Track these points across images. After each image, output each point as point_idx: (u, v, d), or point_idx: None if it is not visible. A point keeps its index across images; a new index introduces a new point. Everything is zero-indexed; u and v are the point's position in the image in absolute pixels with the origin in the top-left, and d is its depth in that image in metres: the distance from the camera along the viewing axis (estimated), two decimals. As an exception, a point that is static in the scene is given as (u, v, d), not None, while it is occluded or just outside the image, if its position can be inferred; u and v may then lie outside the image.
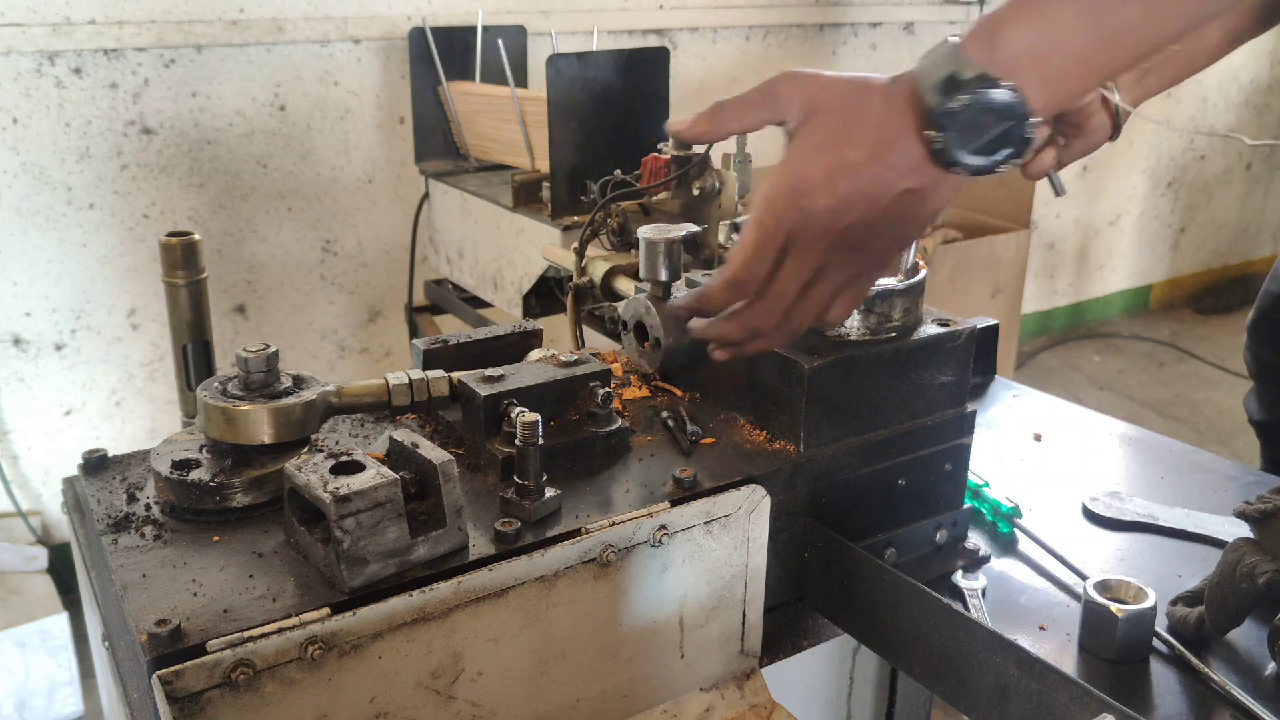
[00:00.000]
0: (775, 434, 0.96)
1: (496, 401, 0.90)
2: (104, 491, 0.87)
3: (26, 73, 2.49)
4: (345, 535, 0.71)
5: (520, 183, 2.16)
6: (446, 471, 0.76)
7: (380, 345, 3.16)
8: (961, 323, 1.00)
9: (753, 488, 0.89)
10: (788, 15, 3.66)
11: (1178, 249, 5.35)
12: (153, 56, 2.63)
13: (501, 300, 2.34)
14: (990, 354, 1.39)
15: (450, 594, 0.74)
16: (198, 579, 0.75)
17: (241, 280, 2.89)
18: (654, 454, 0.95)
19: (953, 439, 1.01)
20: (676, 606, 0.88)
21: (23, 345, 2.65)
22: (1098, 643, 0.85)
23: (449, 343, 1.04)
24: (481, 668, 0.77)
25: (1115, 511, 1.08)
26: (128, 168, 2.66)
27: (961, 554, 1.02)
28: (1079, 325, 5.06)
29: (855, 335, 0.96)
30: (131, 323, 2.76)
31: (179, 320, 0.97)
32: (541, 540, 0.80)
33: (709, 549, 0.88)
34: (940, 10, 4.03)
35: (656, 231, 1.05)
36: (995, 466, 1.19)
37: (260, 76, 2.77)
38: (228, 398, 0.85)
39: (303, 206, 2.92)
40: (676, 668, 0.90)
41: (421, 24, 2.63)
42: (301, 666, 0.69)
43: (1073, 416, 1.32)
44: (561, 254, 1.67)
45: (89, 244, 2.66)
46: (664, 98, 2.07)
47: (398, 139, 2.99)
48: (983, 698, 0.80)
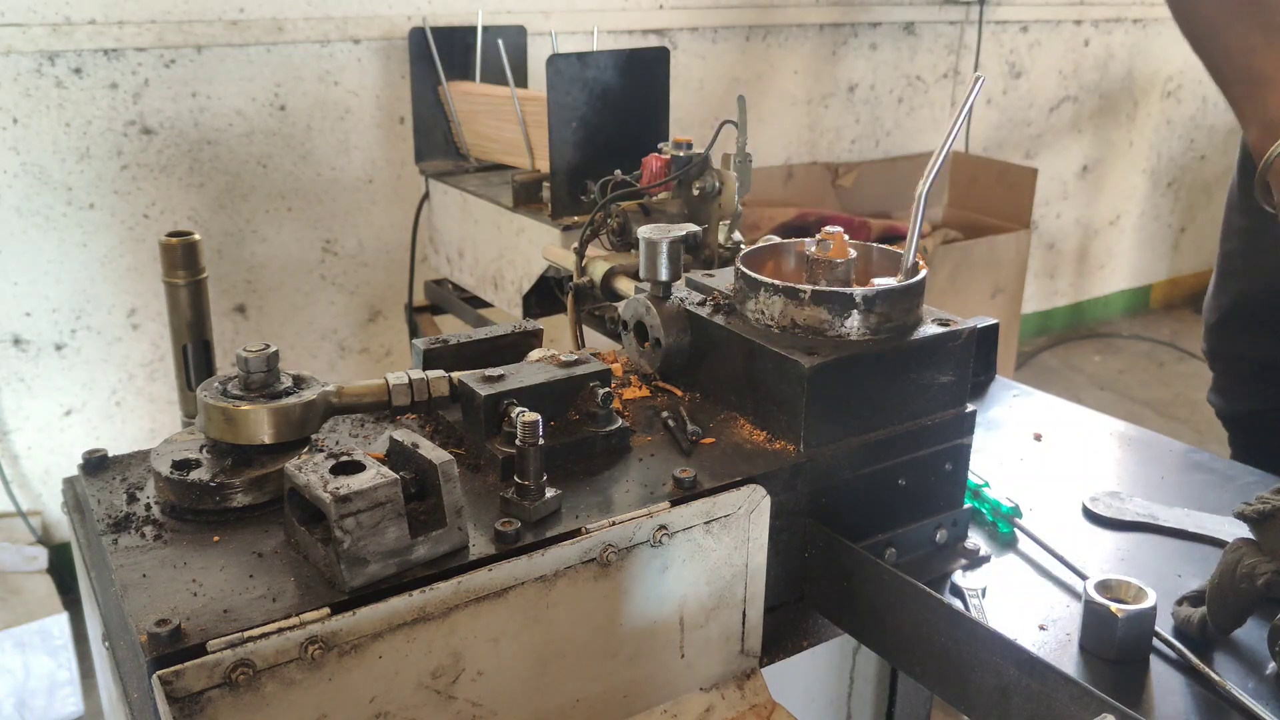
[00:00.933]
0: (775, 434, 0.96)
1: (496, 401, 0.90)
2: (104, 491, 0.87)
3: (26, 73, 2.49)
4: (345, 535, 0.71)
5: (520, 183, 2.16)
6: (446, 471, 0.76)
7: (380, 345, 3.16)
8: (961, 323, 1.00)
9: (753, 488, 0.89)
10: (788, 15, 3.66)
11: (1178, 249, 5.35)
12: (153, 56, 2.63)
13: (501, 300, 2.34)
14: (990, 354, 1.39)
15: (450, 594, 0.74)
16: (198, 579, 0.75)
17: (241, 280, 2.89)
18: (654, 454, 0.94)
19: (953, 439, 1.01)
20: (676, 606, 0.88)
21: (23, 345, 2.65)
22: (1098, 643, 0.85)
23: (449, 343, 1.04)
24: (482, 668, 0.78)
25: (1115, 511, 1.08)
26: (128, 168, 2.67)
27: (961, 554, 1.02)
28: (1079, 325, 5.06)
29: (855, 335, 0.96)
30: (131, 323, 2.76)
31: (179, 320, 0.97)
32: (541, 540, 0.80)
33: (709, 549, 0.88)
34: (940, 10, 4.04)
35: (656, 231, 1.05)
36: (995, 466, 1.19)
37: (260, 76, 2.77)
38: (228, 398, 0.85)
39: (303, 206, 2.92)
40: (676, 668, 0.90)
41: (421, 24, 2.63)
42: (301, 666, 0.69)
43: (1073, 416, 1.32)
44: (561, 254, 1.67)
45: (89, 244, 2.66)
46: (664, 98, 2.07)
47: (398, 139, 2.99)
48: (983, 698, 0.80)
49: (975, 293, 3.38)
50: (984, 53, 4.19)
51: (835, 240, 1.03)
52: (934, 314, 1.02)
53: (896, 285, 0.96)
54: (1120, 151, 4.83)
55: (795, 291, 0.96)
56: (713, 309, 1.05)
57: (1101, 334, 4.98)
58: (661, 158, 1.57)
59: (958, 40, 4.16)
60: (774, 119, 3.79)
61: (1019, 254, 3.45)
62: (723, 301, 1.06)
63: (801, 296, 0.96)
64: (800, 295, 0.96)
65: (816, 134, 3.94)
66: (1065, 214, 4.79)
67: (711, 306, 1.05)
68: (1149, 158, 4.98)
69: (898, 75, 4.08)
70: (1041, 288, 4.87)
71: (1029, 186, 3.57)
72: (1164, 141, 5.00)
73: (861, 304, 0.95)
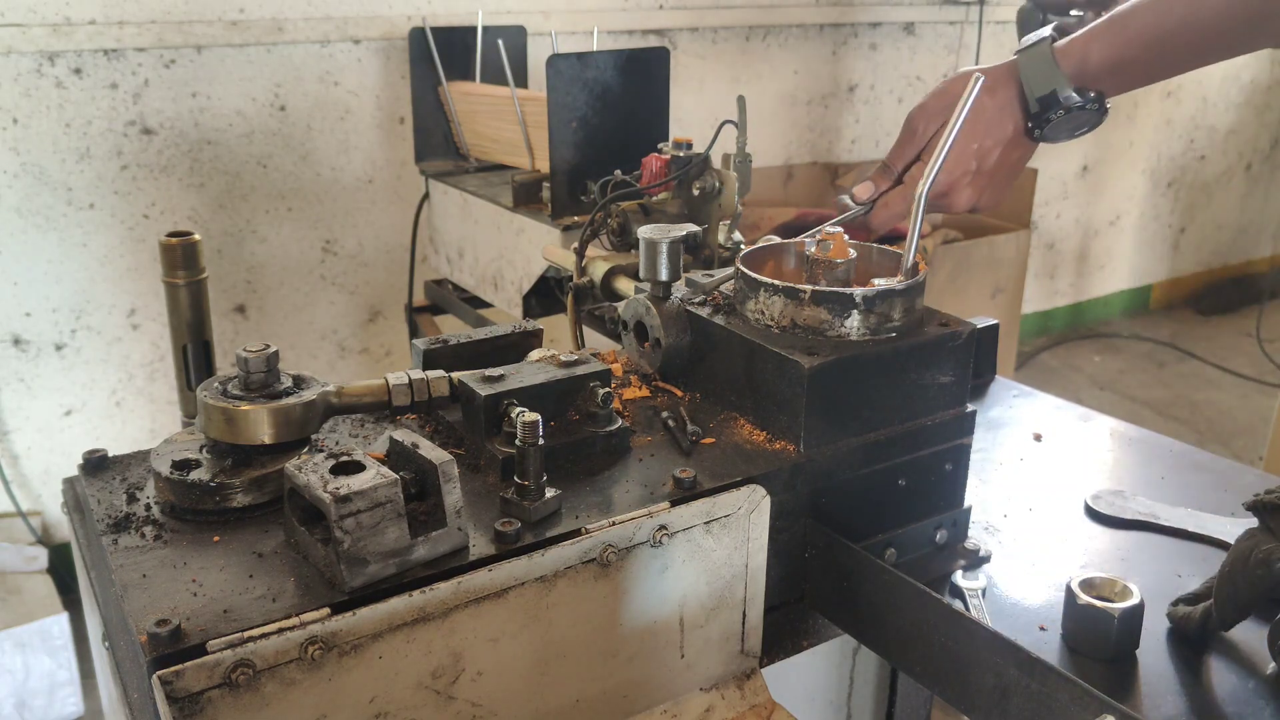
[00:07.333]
0: (775, 434, 0.96)
1: (496, 401, 0.90)
2: (104, 492, 0.87)
3: (26, 73, 2.49)
4: (345, 535, 0.71)
5: (520, 183, 2.16)
6: (446, 471, 0.76)
7: (380, 345, 3.16)
8: (961, 323, 1.00)
9: (753, 488, 0.89)
10: (788, 15, 3.66)
11: (1178, 249, 5.35)
12: (153, 57, 2.63)
13: (501, 300, 2.34)
14: (990, 354, 1.39)
15: (450, 594, 0.74)
16: (198, 579, 0.75)
17: (241, 280, 2.89)
18: (654, 454, 0.94)
19: (953, 439, 1.01)
20: (676, 607, 0.88)
21: (23, 345, 2.65)
22: (1090, 643, 0.85)
23: (449, 343, 1.04)
24: (481, 668, 0.77)
25: (1117, 510, 1.08)
26: (128, 168, 2.66)
27: (961, 554, 1.02)
28: (1079, 325, 5.06)
29: (855, 335, 0.96)
30: (131, 323, 2.76)
31: (179, 320, 0.97)
32: (541, 540, 0.80)
33: (709, 549, 0.88)
34: (940, 10, 4.04)
35: (656, 231, 1.05)
36: (995, 467, 1.19)
37: (260, 77, 2.77)
38: (228, 398, 0.85)
39: (303, 206, 2.92)
40: (677, 668, 0.90)
41: (421, 24, 2.63)
42: (301, 666, 0.69)
43: (1073, 416, 1.32)
44: (561, 254, 1.67)
45: (89, 244, 2.66)
46: (664, 98, 2.07)
47: (398, 139, 2.99)
48: (983, 698, 0.80)
49: (975, 293, 3.38)
50: (984, 53, 4.19)
51: (835, 240, 1.03)
52: (934, 314, 1.02)
53: (896, 285, 0.96)
54: (1120, 151, 4.83)
55: (795, 291, 0.96)
56: (713, 309, 1.05)
57: (1101, 334, 4.98)
58: (661, 158, 1.57)
59: (958, 40, 4.16)
60: (774, 119, 3.79)
61: (1019, 254, 3.45)
62: (723, 301, 1.06)
63: (801, 296, 0.96)
64: (800, 295, 0.96)
65: (816, 134, 3.94)
66: (1065, 214, 4.79)
67: (711, 306, 1.05)
68: (1149, 158, 4.98)
69: (898, 75, 4.08)
70: (1041, 288, 4.86)
71: (1029, 186, 3.57)
72: (1164, 141, 5.00)
73: (861, 304, 0.95)
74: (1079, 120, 1.11)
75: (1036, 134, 1.13)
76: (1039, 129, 1.12)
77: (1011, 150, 1.15)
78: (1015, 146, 1.14)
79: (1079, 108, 1.09)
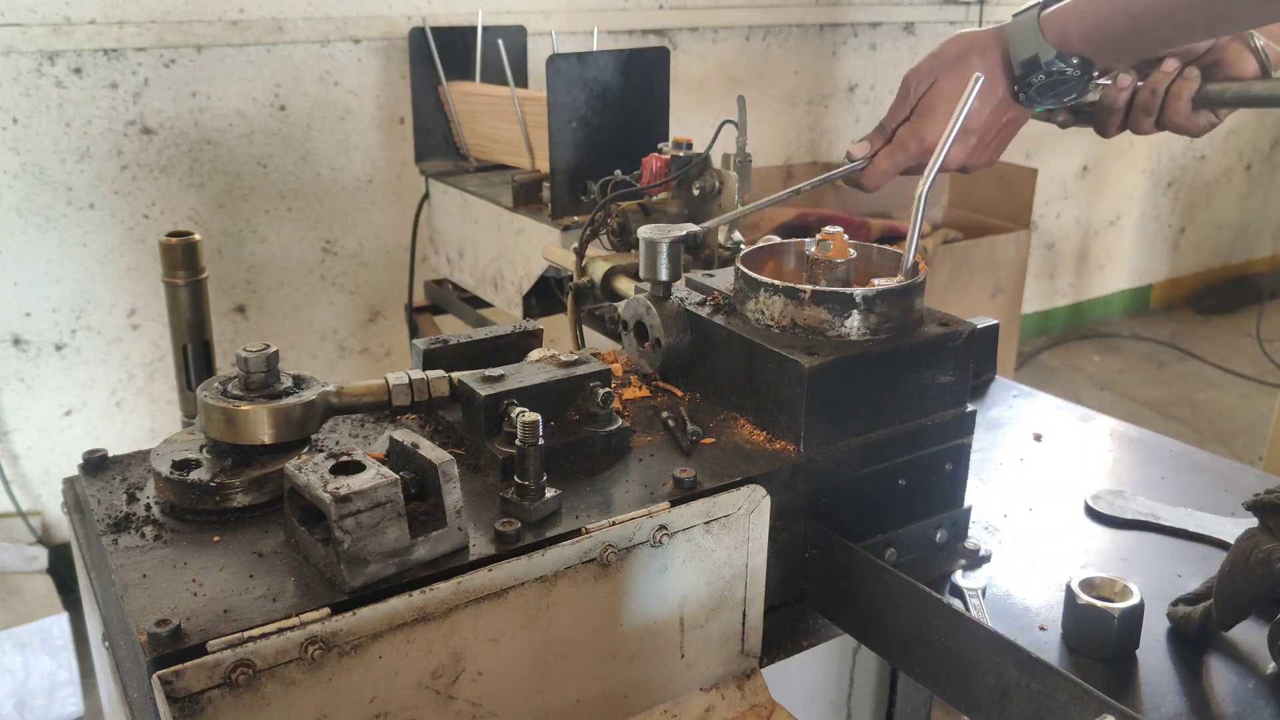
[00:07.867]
0: (775, 434, 0.96)
1: (496, 401, 0.90)
2: (104, 492, 0.87)
3: (26, 73, 2.49)
4: (345, 535, 0.71)
5: (520, 183, 2.16)
6: (446, 471, 0.76)
7: (380, 345, 3.16)
8: (961, 323, 1.00)
9: (753, 488, 0.89)
10: (788, 15, 3.66)
11: (1178, 249, 5.35)
12: (153, 56, 2.63)
13: (501, 300, 2.34)
14: (990, 354, 1.39)
15: (450, 594, 0.74)
16: (198, 579, 0.75)
17: (241, 280, 2.89)
18: (654, 454, 0.94)
19: (953, 439, 1.01)
20: (677, 607, 0.88)
21: (23, 345, 2.65)
22: (1092, 644, 0.85)
23: (449, 343, 1.04)
24: (481, 668, 0.77)
25: (1117, 510, 1.08)
26: (128, 168, 2.66)
27: (961, 554, 1.02)
28: (1079, 325, 5.06)
29: (855, 335, 0.96)
30: (131, 323, 2.76)
31: (179, 320, 0.97)
32: (541, 540, 0.80)
33: (709, 549, 0.88)
34: (940, 10, 4.04)
35: (656, 231, 1.05)
36: (995, 467, 1.19)
37: (260, 76, 2.77)
38: (228, 398, 0.85)
39: (303, 206, 2.92)
40: (677, 668, 0.90)
41: (421, 24, 2.63)
42: (301, 666, 0.69)
43: (1073, 416, 1.32)
44: (561, 254, 1.67)
45: (89, 244, 2.66)
46: (664, 98, 2.07)
47: (398, 139, 2.99)
48: (983, 698, 0.80)
49: (975, 293, 3.38)
50: (984, 53, 4.19)
51: (835, 240, 1.03)
52: (934, 314, 1.02)
53: (896, 285, 0.96)
54: (1120, 151, 4.83)
55: (795, 291, 0.96)
56: (713, 309, 1.05)
57: (1101, 334, 4.98)
58: (661, 158, 1.57)
59: (958, 40, 4.16)
60: (774, 119, 3.79)
61: (1019, 254, 3.45)
62: (723, 301, 1.06)
63: (801, 296, 0.96)
64: (800, 295, 0.96)
65: (816, 134, 3.94)
66: (1065, 214, 4.79)
67: (711, 306, 1.05)
68: (1149, 158, 4.98)
69: (897, 75, 4.06)
70: (1041, 288, 4.86)
71: (1029, 186, 3.56)
72: (1164, 141, 4.99)
73: (861, 304, 0.95)
74: (1065, 87, 1.14)
75: (1021, 97, 1.17)
76: (1023, 92, 1.16)
77: (1001, 112, 1.19)
78: (1004, 109, 1.19)
79: (1059, 73, 1.12)
